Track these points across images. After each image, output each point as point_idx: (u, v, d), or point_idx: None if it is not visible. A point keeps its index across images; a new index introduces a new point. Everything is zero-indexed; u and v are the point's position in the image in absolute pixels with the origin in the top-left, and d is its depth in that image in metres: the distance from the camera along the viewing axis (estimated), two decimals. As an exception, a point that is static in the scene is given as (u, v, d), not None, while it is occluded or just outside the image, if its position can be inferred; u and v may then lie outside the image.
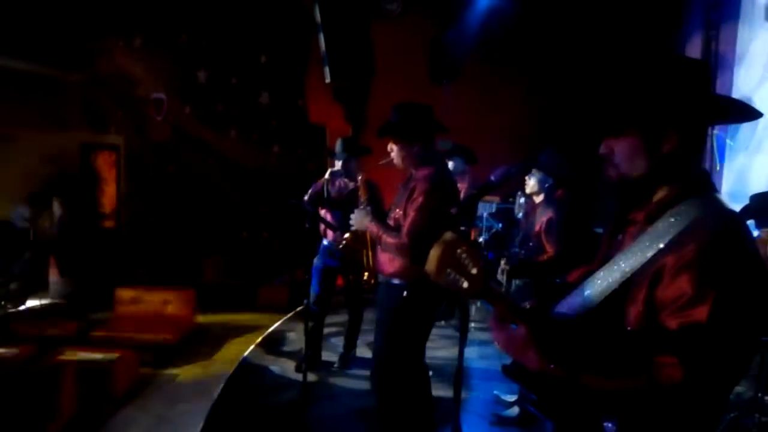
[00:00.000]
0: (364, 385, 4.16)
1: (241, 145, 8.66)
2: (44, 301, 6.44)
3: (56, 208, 8.27)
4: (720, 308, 1.13)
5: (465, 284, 1.35)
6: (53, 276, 6.99)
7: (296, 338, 5.13)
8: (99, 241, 8.32)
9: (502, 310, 1.37)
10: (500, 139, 6.96)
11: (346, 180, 4.41)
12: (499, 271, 3.68)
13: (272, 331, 5.85)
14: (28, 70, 7.76)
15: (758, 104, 4.40)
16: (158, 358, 5.10)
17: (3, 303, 5.77)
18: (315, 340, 4.58)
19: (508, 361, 1.44)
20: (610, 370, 1.21)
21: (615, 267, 1.31)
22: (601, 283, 1.32)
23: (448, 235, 1.40)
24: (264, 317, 6.27)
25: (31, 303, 6.31)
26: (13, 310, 5.86)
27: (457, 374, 1.79)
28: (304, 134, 8.21)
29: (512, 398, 3.78)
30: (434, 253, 1.39)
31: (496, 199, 5.96)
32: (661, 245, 1.22)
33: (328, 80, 5.56)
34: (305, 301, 3.70)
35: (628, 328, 1.25)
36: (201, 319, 6.04)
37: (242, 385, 4.46)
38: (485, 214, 5.59)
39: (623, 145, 1.32)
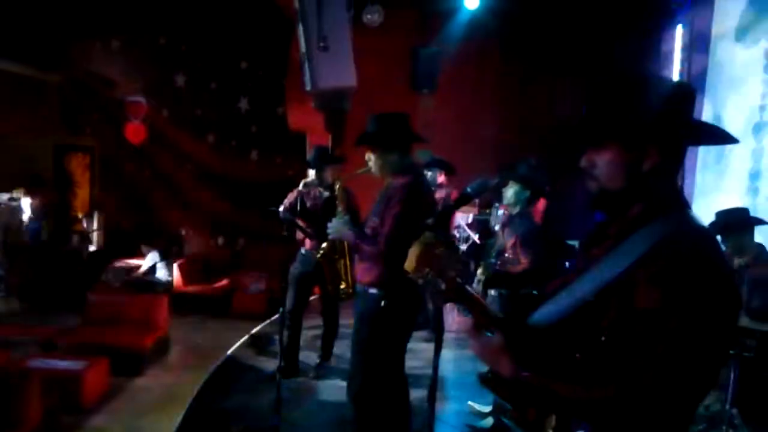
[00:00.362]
0: (341, 394, 4.13)
1: (218, 151, 8.58)
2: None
3: (28, 206, 8.09)
4: (688, 322, 1.16)
5: (442, 285, 1.36)
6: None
7: (272, 346, 5.07)
8: (69, 244, 8.15)
9: (477, 315, 1.38)
10: (479, 150, 7.04)
11: (320, 189, 4.41)
12: (475, 281, 3.71)
13: (247, 339, 5.78)
14: (4, 69, 7.61)
15: (725, 125, 4.53)
16: (129, 365, 4.99)
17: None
18: (291, 349, 4.52)
19: (482, 371, 1.46)
20: (581, 379, 1.23)
21: (589, 279, 1.33)
22: (576, 294, 1.34)
23: (429, 235, 1.43)
24: (239, 324, 6.20)
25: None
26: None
27: (432, 384, 1.78)
28: (284, 141, 8.17)
29: (487, 409, 3.79)
30: (413, 251, 1.40)
31: (474, 210, 6.01)
32: (633, 259, 1.25)
33: (308, 88, 5.55)
34: (281, 310, 3.67)
35: (602, 339, 1.27)
36: (174, 325, 5.94)
37: (214, 394, 4.39)
38: (462, 225, 5.64)
39: (604, 158, 1.34)
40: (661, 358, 1.16)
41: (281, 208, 4.37)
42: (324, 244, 3.37)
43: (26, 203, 7.88)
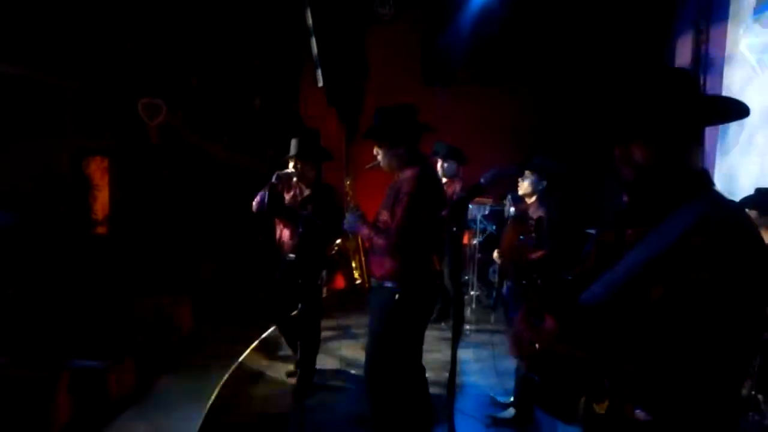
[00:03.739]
0: (359, 390, 4.16)
1: (234, 150, 8.65)
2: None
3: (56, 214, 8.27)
4: (736, 291, 1.23)
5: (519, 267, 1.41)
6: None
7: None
8: (91, 247, 8.29)
9: (533, 301, 1.43)
10: (495, 141, 6.99)
11: (302, 185, 4.00)
12: (491, 270, 3.69)
13: (267, 337, 5.83)
14: (22, 75, 7.75)
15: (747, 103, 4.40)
16: (155, 364, 5.08)
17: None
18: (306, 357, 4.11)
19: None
20: (637, 356, 1.28)
21: (632, 258, 1.39)
22: (620, 273, 1.40)
23: (518, 214, 1.48)
24: (260, 323, 6.26)
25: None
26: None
27: (451, 376, 1.79)
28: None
29: (507, 400, 3.78)
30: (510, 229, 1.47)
31: (489, 201, 5.97)
32: (676, 236, 1.31)
33: (321, 84, 5.56)
34: (300, 306, 3.69)
35: (651, 315, 1.33)
36: (197, 325, 6.02)
37: (237, 392, 4.44)
38: (479, 216, 5.61)
39: (634, 148, 1.41)
40: (713, 328, 1.22)
41: (254, 206, 3.92)
42: (338, 241, 3.37)
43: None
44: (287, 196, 4.00)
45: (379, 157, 2.92)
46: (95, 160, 9.16)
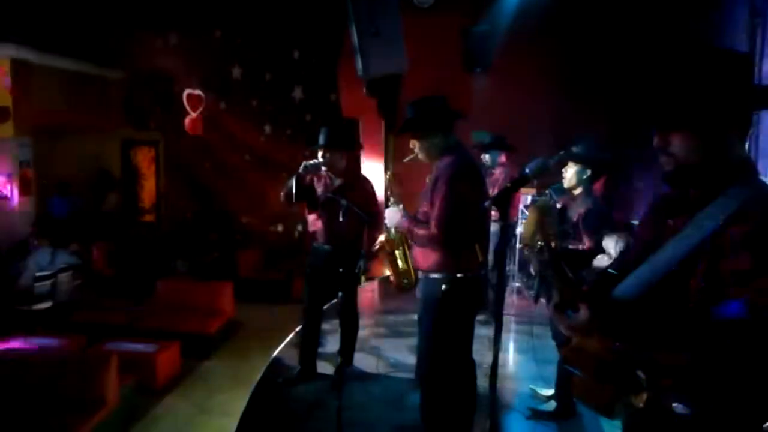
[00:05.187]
0: (397, 379, 4.17)
1: (275, 140, 8.77)
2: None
3: (110, 202, 8.60)
4: None
5: (545, 255, 1.42)
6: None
7: (331, 329, 5.15)
8: (139, 234, 8.58)
9: (567, 292, 1.43)
10: (538, 129, 6.84)
11: (331, 175, 3.86)
12: (534, 262, 3.63)
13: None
14: (71, 68, 8.03)
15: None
16: (197, 348, 5.23)
17: (52, 294, 6.00)
18: (307, 350, 4.11)
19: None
20: (675, 346, 1.26)
21: (672, 248, 1.36)
22: (659, 263, 1.37)
23: (542, 201, 1.48)
24: (299, 309, 6.35)
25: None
26: (61, 301, 6.08)
27: (493, 367, 1.77)
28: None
29: (548, 392, 3.74)
30: (531, 218, 1.48)
31: (533, 191, 5.87)
32: (717, 225, 1.28)
33: (360, 74, 5.56)
34: (340, 295, 3.71)
35: (690, 304, 1.30)
36: (238, 311, 6.16)
37: (277, 377, 4.52)
38: (522, 207, 5.52)
39: (678, 137, 1.36)
40: (756, 320, 1.18)
41: (281, 196, 3.80)
42: (383, 236, 3.35)
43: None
44: (318, 187, 3.91)
45: (416, 150, 2.91)
46: (142, 150, 9.47)
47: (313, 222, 3.93)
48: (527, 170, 1.84)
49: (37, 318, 5.70)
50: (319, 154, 3.77)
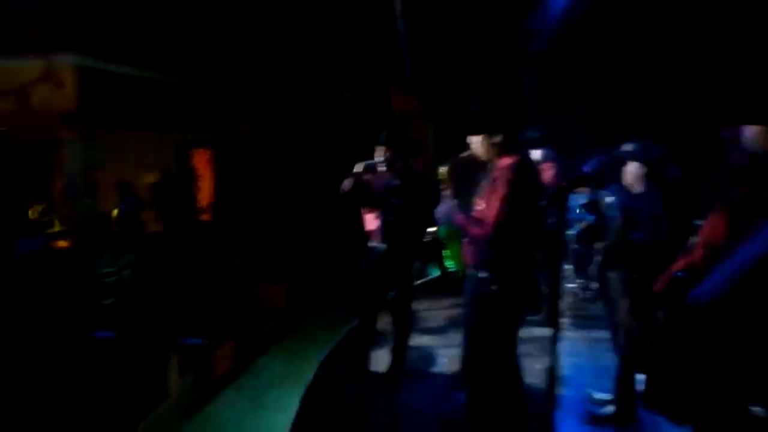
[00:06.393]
0: (449, 378, 4.15)
1: (325, 140, 8.88)
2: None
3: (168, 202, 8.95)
4: None
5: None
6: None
7: (384, 328, 5.17)
8: (197, 234, 8.87)
9: (642, 296, 1.39)
10: (589, 127, 6.67)
11: (390, 174, 3.83)
12: (593, 263, 3.55)
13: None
14: (130, 74, 8.38)
15: None
16: (252, 344, 5.37)
17: (116, 290, 6.29)
18: (363, 347, 4.11)
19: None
20: (761, 347, 1.22)
21: (750, 248, 1.30)
22: (739, 266, 1.32)
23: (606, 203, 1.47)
24: (353, 308, 6.40)
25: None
26: (125, 296, 6.36)
27: (551, 371, 1.74)
28: (384, 127, 8.27)
29: (606, 397, 3.63)
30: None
31: (587, 190, 5.71)
32: None
33: (408, 74, 5.57)
34: (392, 294, 3.72)
35: None
36: (291, 310, 6.27)
37: (330, 375, 4.57)
38: (576, 206, 5.37)
39: (751, 130, 1.32)
40: None
41: (344, 191, 3.78)
42: (433, 229, 3.35)
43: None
44: (376, 185, 3.91)
45: (474, 146, 2.87)
46: (199, 152, 9.79)
47: (370, 221, 3.95)
48: (586, 169, 1.80)
49: (103, 312, 5.99)
50: (378, 153, 3.80)
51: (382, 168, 3.79)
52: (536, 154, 5.19)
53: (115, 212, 8.42)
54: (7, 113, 7.50)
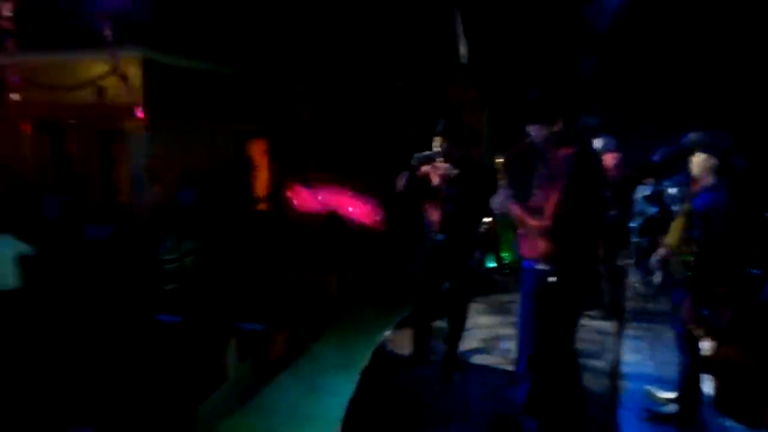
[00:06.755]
0: (502, 370, 4.11)
1: (378, 130, 8.90)
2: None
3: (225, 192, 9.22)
4: None
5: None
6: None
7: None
8: (253, 222, 9.11)
9: (708, 294, 1.35)
10: (653, 114, 6.40)
11: (448, 164, 3.78)
12: (654, 258, 3.41)
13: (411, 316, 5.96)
14: (190, 66, 8.65)
15: None
16: (307, 330, 5.49)
17: (178, 276, 6.55)
18: (422, 335, 4.09)
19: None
20: None
21: None
22: None
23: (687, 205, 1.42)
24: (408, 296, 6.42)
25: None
26: (186, 282, 6.61)
27: (614, 368, 1.70)
28: (441, 117, 8.21)
29: (668, 395, 3.51)
30: (676, 226, 1.42)
31: (651, 181, 5.47)
32: None
33: (464, 61, 5.50)
34: (447, 285, 3.71)
35: None
36: (344, 299, 6.37)
37: (384, 365, 4.61)
38: (639, 198, 5.16)
39: None
40: None
41: (401, 187, 3.77)
42: (488, 219, 3.31)
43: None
44: (434, 176, 3.88)
45: (532, 135, 2.80)
46: (255, 142, 10.01)
47: (430, 212, 3.95)
48: (656, 158, 1.73)
49: (166, 297, 6.26)
50: (436, 142, 3.78)
51: (439, 159, 3.77)
52: (597, 143, 5.05)
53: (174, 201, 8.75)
54: (77, 105, 7.91)
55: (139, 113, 7.53)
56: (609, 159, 4.99)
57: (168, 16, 7.51)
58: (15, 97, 6.43)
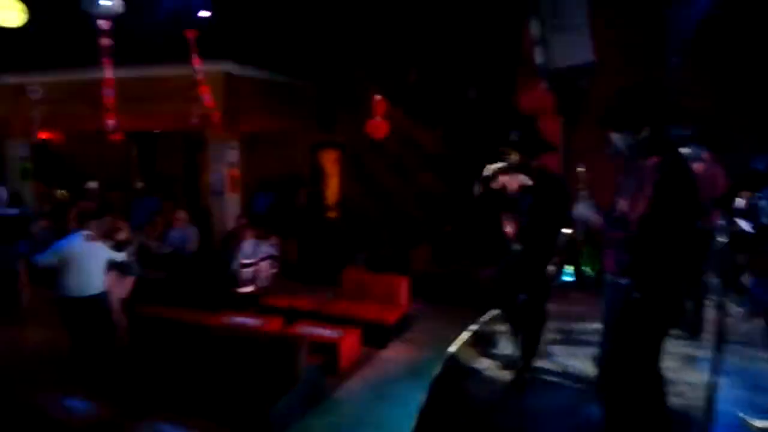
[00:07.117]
0: (577, 387, 3.95)
1: (449, 141, 8.85)
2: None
3: (300, 200, 9.49)
4: None
5: None
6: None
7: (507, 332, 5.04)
8: (325, 228, 9.30)
9: None
10: (744, 123, 5.96)
11: (523, 176, 3.74)
12: (745, 274, 3.18)
13: (483, 325, 5.85)
14: (269, 79, 8.98)
15: None
16: (376, 338, 5.50)
17: (254, 280, 6.76)
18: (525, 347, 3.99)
19: (754, 379, 1.25)
20: None
21: None
22: None
23: None
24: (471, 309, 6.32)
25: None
26: (261, 286, 6.83)
27: (709, 391, 1.58)
28: (513, 128, 8.04)
29: (762, 423, 3.24)
30: None
31: (746, 193, 5.07)
32: None
33: (539, 61, 5.34)
34: (522, 296, 3.62)
35: None
36: (414, 305, 6.34)
37: (454, 374, 4.54)
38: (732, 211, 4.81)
39: None
40: None
41: (476, 195, 3.78)
42: (569, 230, 3.19)
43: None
44: (510, 187, 3.83)
45: (618, 143, 2.68)
46: (328, 152, 10.24)
47: (507, 222, 3.91)
48: (760, 166, 1.61)
49: (241, 300, 6.48)
50: (510, 154, 3.77)
51: (514, 170, 3.73)
52: (686, 152, 4.75)
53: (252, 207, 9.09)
54: (162, 116, 8.39)
55: (220, 124, 7.87)
56: (704, 170, 4.69)
57: (249, 31, 7.84)
58: (111, 122, 6.87)
